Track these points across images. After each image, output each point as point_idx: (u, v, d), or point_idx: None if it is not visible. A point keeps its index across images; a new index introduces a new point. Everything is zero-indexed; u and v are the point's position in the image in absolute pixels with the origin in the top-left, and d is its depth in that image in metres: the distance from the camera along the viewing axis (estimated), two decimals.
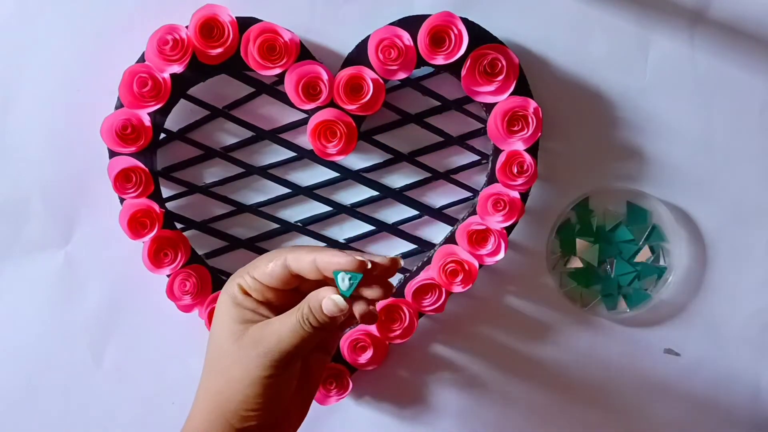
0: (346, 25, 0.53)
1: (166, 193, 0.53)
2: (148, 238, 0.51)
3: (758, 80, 0.55)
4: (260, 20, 0.50)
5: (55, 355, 0.56)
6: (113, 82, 0.50)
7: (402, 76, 0.51)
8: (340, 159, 0.53)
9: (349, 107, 0.51)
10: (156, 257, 0.51)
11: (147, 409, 0.57)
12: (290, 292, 0.42)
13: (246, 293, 0.42)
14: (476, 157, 0.55)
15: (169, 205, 0.54)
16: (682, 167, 0.56)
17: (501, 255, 0.53)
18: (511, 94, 0.51)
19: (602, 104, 0.55)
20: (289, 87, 0.50)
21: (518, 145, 0.52)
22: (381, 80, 0.51)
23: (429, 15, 0.50)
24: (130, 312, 0.56)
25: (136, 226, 0.51)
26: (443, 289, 0.53)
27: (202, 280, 0.52)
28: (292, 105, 0.51)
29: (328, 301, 0.39)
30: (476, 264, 0.53)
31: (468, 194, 0.55)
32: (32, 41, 0.53)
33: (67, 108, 0.53)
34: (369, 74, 0.50)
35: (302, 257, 0.40)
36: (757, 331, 0.58)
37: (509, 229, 0.54)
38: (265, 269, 0.41)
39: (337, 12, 0.53)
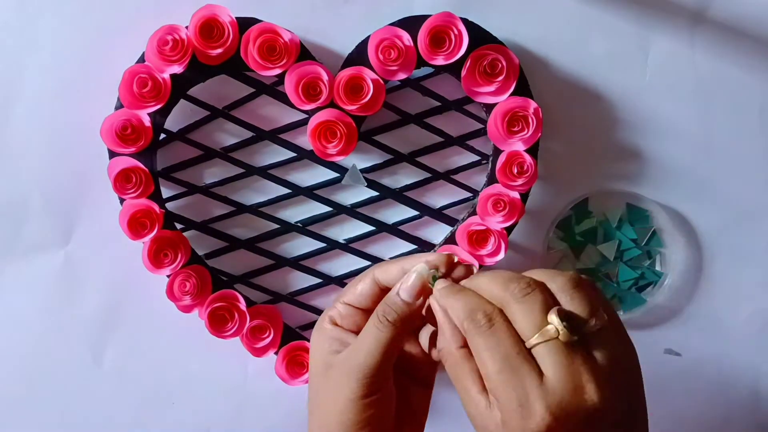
0: (346, 25, 0.53)
1: (166, 193, 0.53)
2: (148, 238, 0.51)
3: (758, 81, 0.55)
4: (260, 20, 0.50)
5: (55, 355, 0.56)
6: (113, 82, 0.50)
7: (402, 76, 0.51)
8: (340, 159, 0.52)
9: (349, 108, 0.50)
10: (156, 258, 0.51)
11: (147, 409, 0.57)
12: None
13: (336, 324, 0.43)
14: (476, 158, 0.55)
15: (169, 205, 0.54)
16: (682, 168, 0.56)
17: (501, 255, 0.53)
18: (512, 94, 0.51)
19: (602, 105, 0.55)
20: (289, 87, 0.50)
21: (518, 145, 0.52)
22: (381, 81, 0.51)
23: (429, 15, 0.50)
24: (130, 312, 0.56)
25: (136, 226, 0.51)
26: None
27: (202, 281, 0.52)
28: (292, 105, 0.51)
29: (406, 279, 0.39)
30: (476, 264, 0.53)
31: (468, 194, 0.55)
32: (32, 41, 0.53)
33: (67, 108, 0.53)
34: (369, 75, 0.50)
35: (389, 267, 0.41)
36: (756, 331, 0.58)
37: (509, 230, 0.54)
38: (354, 291, 0.42)
39: (337, 12, 0.53)
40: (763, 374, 0.59)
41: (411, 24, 0.51)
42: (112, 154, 0.51)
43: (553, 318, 0.34)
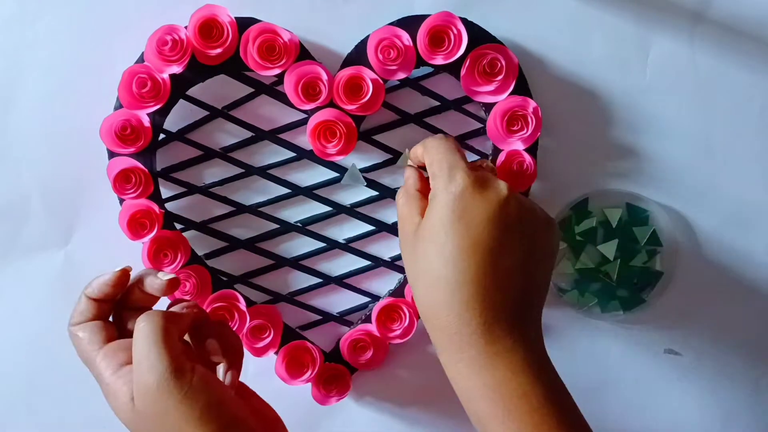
0: (346, 25, 0.53)
1: (165, 193, 0.53)
2: (147, 238, 0.51)
3: (758, 81, 0.55)
4: (259, 20, 0.50)
5: (55, 355, 0.56)
6: (113, 82, 0.50)
7: (401, 76, 0.51)
8: (339, 159, 0.52)
9: (349, 107, 0.50)
10: (156, 258, 0.51)
11: None
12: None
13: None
14: (476, 157, 0.54)
15: (168, 205, 0.54)
16: (682, 168, 0.56)
17: None
18: (511, 93, 0.51)
19: (602, 105, 0.55)
20: (288, 87, 0.50)
21: (518, 144, 0.52)
22: (380, 80, 0.51)
23: (428, 15, 0.50)
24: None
25: (135, 226, 0.51)
26: None
27: (202, 281, 0.52)
28: (291, 105, 0.51)
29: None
30: None
31: None
32: (32, 41, 0.53)
33: (67, 108, 0.53)
34: (368, 74, 0.50)
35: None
36: (756, 331, 0.58)
37: None
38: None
39: (337, 12, 0.53)
40: (763, 374, 0.58)
41: (410, 23, 0.51)
42: (112, 155, 0.51)
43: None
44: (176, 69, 0.50)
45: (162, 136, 0.52)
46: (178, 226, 0.54)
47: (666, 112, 0.55)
